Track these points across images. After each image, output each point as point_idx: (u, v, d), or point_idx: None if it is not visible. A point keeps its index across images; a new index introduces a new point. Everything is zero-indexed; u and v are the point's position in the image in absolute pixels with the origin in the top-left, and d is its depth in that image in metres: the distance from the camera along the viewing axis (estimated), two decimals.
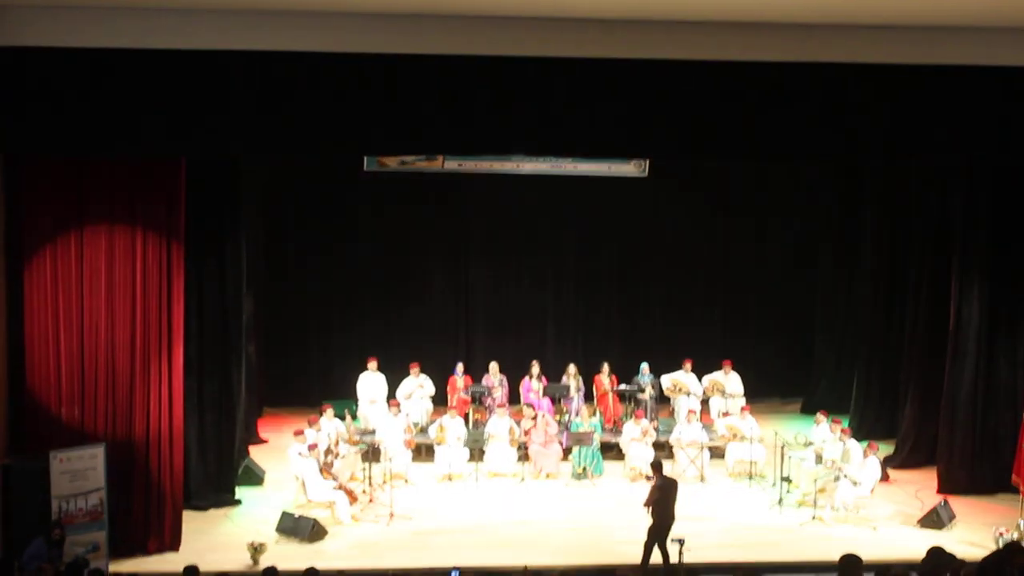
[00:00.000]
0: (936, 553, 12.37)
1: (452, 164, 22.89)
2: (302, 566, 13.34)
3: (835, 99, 16.47)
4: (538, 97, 16.11)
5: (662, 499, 16.24)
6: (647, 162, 23.12)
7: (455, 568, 14.50)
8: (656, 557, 16.15)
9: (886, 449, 21.25)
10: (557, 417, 21.82)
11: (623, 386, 22.83)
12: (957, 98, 16.49)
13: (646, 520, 16.73)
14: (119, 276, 16.53)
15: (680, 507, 17.65)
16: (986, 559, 12.87)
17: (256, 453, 21.26)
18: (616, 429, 22.13)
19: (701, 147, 17.12)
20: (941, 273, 20.52)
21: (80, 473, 16.04)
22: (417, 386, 22.53)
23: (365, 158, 22.35)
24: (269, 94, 15.71)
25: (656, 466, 16.95)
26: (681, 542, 14.57)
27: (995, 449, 19.80)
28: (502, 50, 15.74)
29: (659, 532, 16.12)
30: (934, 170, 20.53)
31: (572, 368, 23.14)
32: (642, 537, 16.53)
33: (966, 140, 16.83)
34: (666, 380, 22.86)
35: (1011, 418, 19.18)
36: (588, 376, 23.26)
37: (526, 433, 21.04)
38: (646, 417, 21.56)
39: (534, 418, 21.05)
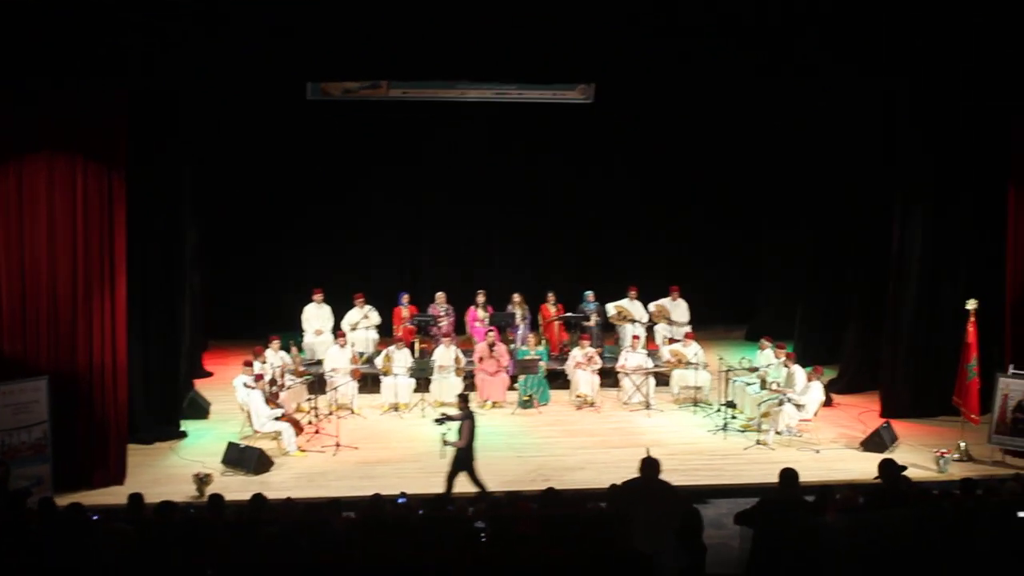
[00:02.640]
0: (888, 464, 12.47)
1: (396, 92, 22.71)
2: (248, 496, 13.31)
3: (784, 14, 16.44)
4: (482, 20, 15.99)
5: (470, 430, 16.20)
6: (592, 88, 23.02)
7: (402, 493, 14.54)
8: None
9: (830, 373, 21.41)
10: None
11: (569, 314, 22.86)
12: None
13: (590, 446, 16.80)
14: (59, 206, 16.29)
15: (627, 433, 17.78)
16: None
17: (201, 386, 21.19)
18: (562, 357, 22.18)
19: (646, 72, 17.09)
20: (884, 198, 20.58)
21: (23, 406, 15.93)
22: (362, 316, 22.49)
23: (308, 86, 22.13)
24: (209, 18, 15.50)
25: (463, 398, 16.91)
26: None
27: (937, 372, 19.95)
28: None
29: (467, 462, 16.11)
30: (874, 93, 20.48)
31: (517, 297, 23.13)
32: (588, 462, 16.62)
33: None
34: (611, 307, 22.89)
35: (952, 341, 19.29)
36: (534, 305, 23.25)
37: (479, 360, 21.05)
38: (592, 344, 21.60)
39: (490, 346, 21.02)
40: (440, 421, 16.51)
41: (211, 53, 15.86)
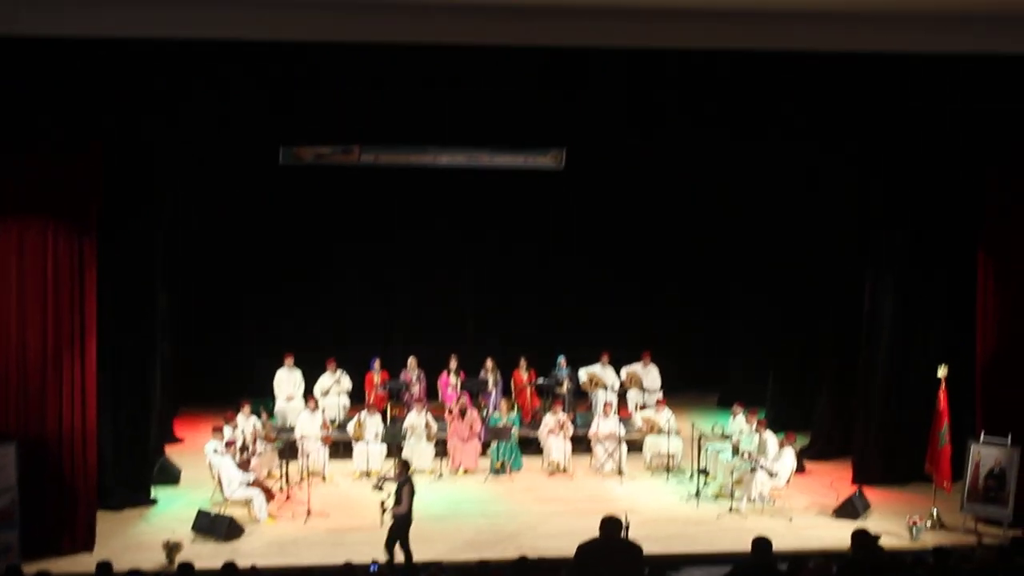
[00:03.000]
0: (861, 535, 12.45)
1: (368, 157, 22.73)
2: (219, 564, 13.19)
3: (754, 86, 16.57)
4: (454, 87, 16.08)
5: (408, 496, 16.13)
6: (563, 154, 23.12)
7: (374, 561, 14.43)
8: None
9: (802, 440, 21.40)
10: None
11: (541, 380, 22.85)
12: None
13: (562, 513, 16.70)
14: (30, 269, 16.20)
15: (599, 500, 17.69)
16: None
17: (172, 452, 21.07)
18: (534, 423, 22.13)
19: (616, 137, 17.18)
20: (856, 263, 20.68)
21: None
22: (334, 382, 22.45)
23: (281, 150, 22.15)
24: (185, 82, 15.54)
25: (403, 463, 16.84)
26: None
27: (909, 439, 19.95)
28: (419, 38, 15.65)
29: (403, 529, 16.03)
30: (852, 160, 20.59)
31: (490, 362, 23.13)
32: (561, 530, 16.53)
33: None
34: (583, 374, 22.91)
35: (924, 408, 19.31)
36: (506, 371, 23.23)
37: (450, 419, 20.97)
38: (564, 410, 21.57)
39: (462, 412, 20.95)
40: (379, 487, 16.57)
41: (183, 117, 15.88)
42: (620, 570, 11.61)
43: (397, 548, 15.92)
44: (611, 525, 11.79)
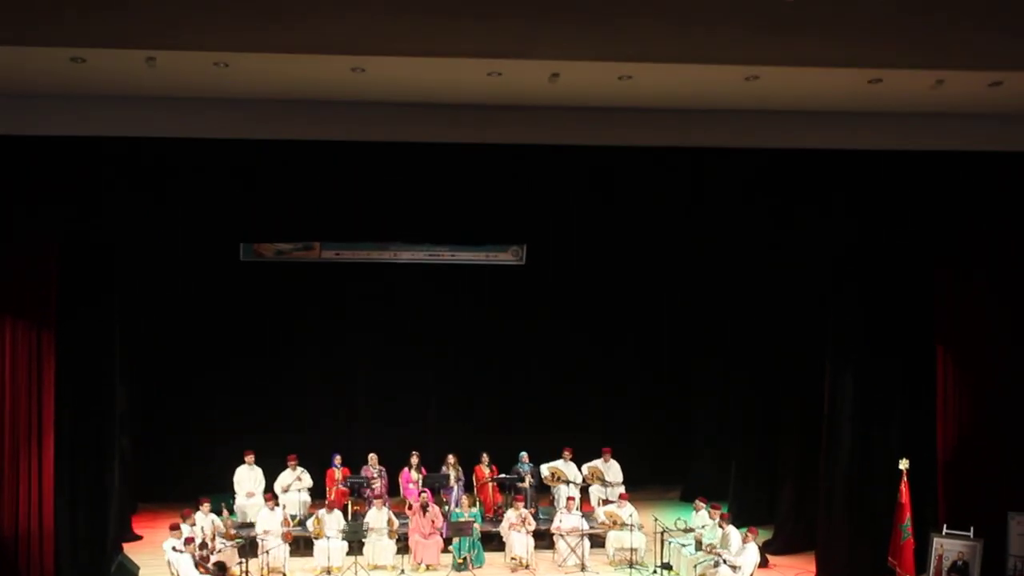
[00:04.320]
0: None
1: (329, 254, 22.84)
2: None
3: (703, 183, 16.76)
4: (415, 183, 16.19)
5: None
6: (524, 250, 23.27)
7: None
8: None
9: (765, 534, 21.35)
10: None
11: (503, 475, 22.76)
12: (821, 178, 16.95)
13: None
14: None
15: None
16: None
17: (130, 550, 20.79)
18: (497, 519, 22.01)
19: (575, 235, 17.30)
20: (815, 358, 20.75)
21: None
22: (295, 478, 22.26)
23: (241, 247, 22.21)
24: (142, 180, 15.58)
25: (219, 566, 16.71)
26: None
27: (872, 531, 19.92)
28: (378, 136, 15.79)
29: None
30: (810, 254, 20.76)
31: (451, 458, 23.01)
32: None
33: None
34: (544, 469, 22.82)
35: (886, 500, 19.36)
36: (468, 466, 23.13)
37: (412, 515, 20.85)
38: (526, 505, 21.47)
39: (424, 508, 20.82)
40: None
41: (143, 215, 15.91)
42: None
43: None
44: None
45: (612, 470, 23.14)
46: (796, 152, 16.84)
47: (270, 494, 21.44)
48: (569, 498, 21.58)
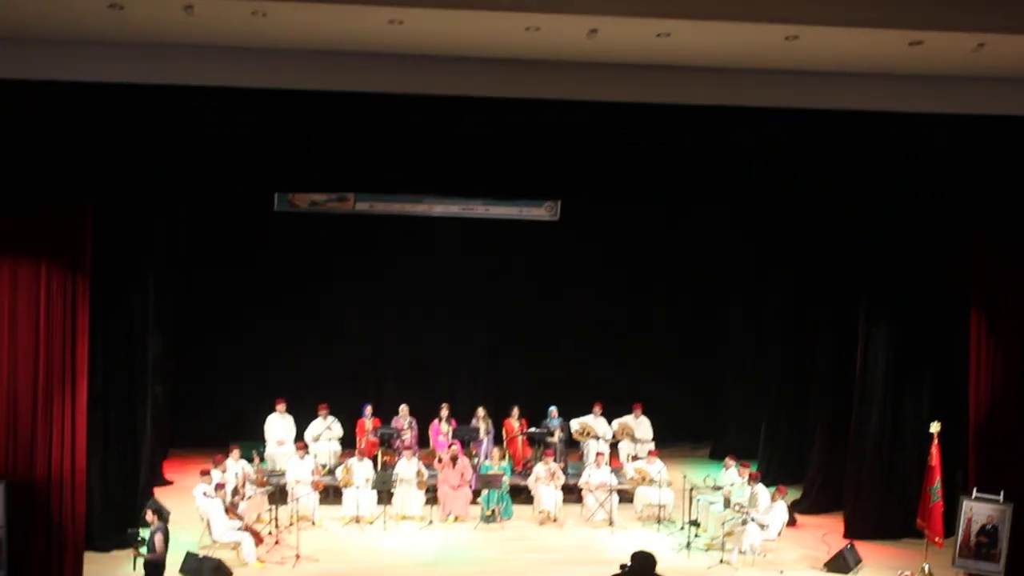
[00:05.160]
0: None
1: (363, 206, 22.86)
2: None
3: (739, 143, 16.65)
4: (451, 137, 16.14)
5: (163, 543, 16.01)
6: (558, 205, 23.25)
7: None
8: None
9: (794, 494, 21.35)
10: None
11: (532, 429, 22.80)
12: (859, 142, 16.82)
13: (552, 562, 16.60)
14: (22, 311, 16.19)
15: (590, 550, 17.57)
16: None
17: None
18: (525, 472, 22.08)
19: (611, 190, 17.23)
20: (848, 318, 20.71)
21: None
22: (325, 428, 22.37)
23: (276, 197, 22.27)
24: (178, 128, 15.57)
25: (155, 509, 16.64)
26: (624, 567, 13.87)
27: (901, 493, 19.96)
28: (414, 88, 15.73)
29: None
30: (844, 213, 20.65)
31: (481, 411, 23.07)
32: None
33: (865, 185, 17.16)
34: (575, 424, 22.85)
35: (917, 462, 19.38)
36: (498, 419, 23.20)
37: (441, 467, 20.95)
38: (555, 460, 21.51)
39: (453, 460, 20.90)
40: (136, 539, 16.79)
41: (179, 163, 15.88)
42: None
43: None
44: (643, 561, 11.18)
45: (642, 426, 23.15)
46: (831, 113, 16.69)
47: (301, 443, 21.57)
48: (598, 453, 21.61)
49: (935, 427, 18.45)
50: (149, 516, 16.30)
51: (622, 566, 12.94)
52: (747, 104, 16.37)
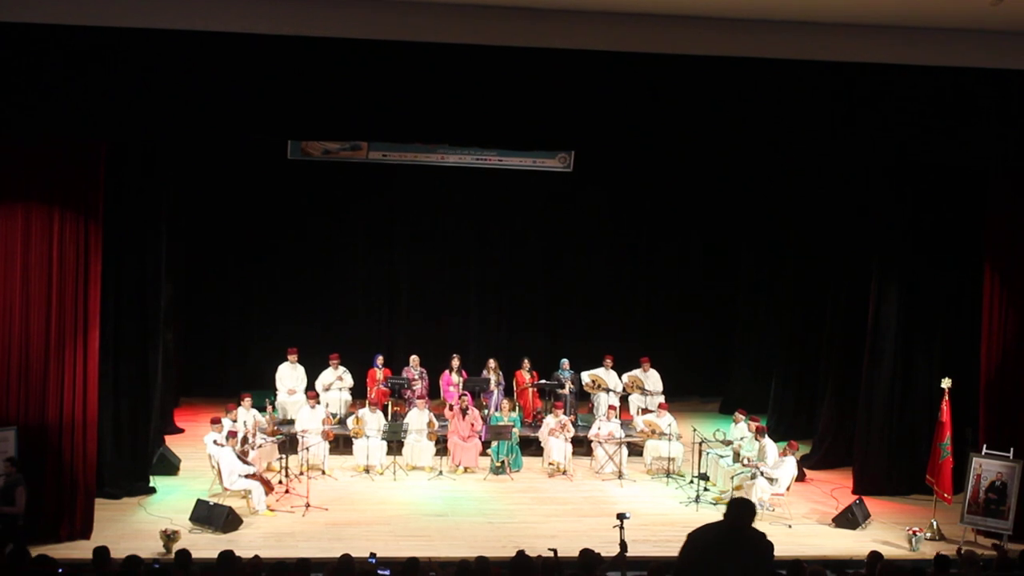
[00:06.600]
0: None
1: (376, 155, 22.81)
2: (215, 555, 13.20)
3: (757, 95, 16.57)
4: (465, 86, 16.08)
5: (22, 497, 15.73)
6: (571, 156, 23.19)
7: (372, 555, 14.42)
8: None
9: (804, 449, 21.36)
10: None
11: (543, 381, 22.82)
12: (884, 97, 16.71)
13: (561, 514, 16.65)
14: (35, 257, 16.23)
15: (599, 502, 17.58)
16: None
17: (172, 442, 21.00)
18: (535, 424, 22.11)
19: (625, 140, 17.19)
20: (860, 274, 20.68)
21: None
22: (336, 377, 22.40)
23: (289, 145, 22.23)
24: (193, 75, 15.52)
25: (11, 460, 16.04)
26: (622, 517, 13.80)
27: (910, 450, 19.98)
28: (428, 36, 15.66)
29: (12, 529, 15.52)
30: (856, 171, 20.61)
31: (492, 362, 23.10)
32: (560, 530, 16.54)
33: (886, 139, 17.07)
34: (585, 376, 22.85)
35: (926, 419, 19.40)
36: (508, 371, 23.22)
37: (451, 417, 21.04)
38: (565, 412, 21.54)
39: (463, 411, 20.95)
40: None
41: (191, 109, 15.83)
42: (747, 565, 9.51)
43: None
44: (741, 508, 9.77)
45: (651, 379, 23.16)
46: (850, 65, 16.59)
47: (312, 392, 21.63)
48: (610, 407, 21.64)
49: (946, 383, 18.41)
50: (4, 467, 15.95)
51: (619, 515, 13.01)
52: (763, 56, 16.29)
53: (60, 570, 12.76)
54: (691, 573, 9.53)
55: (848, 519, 18.41)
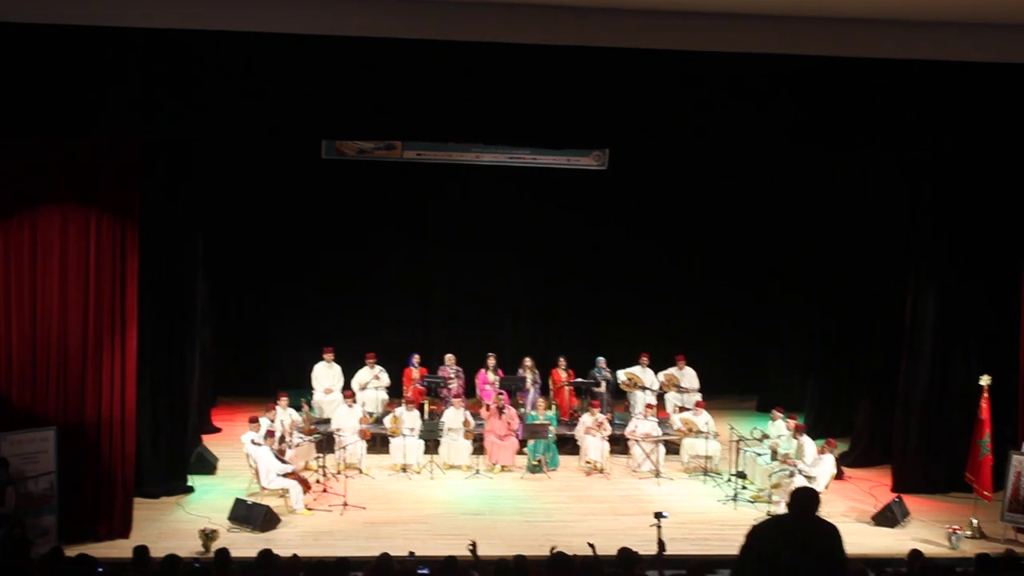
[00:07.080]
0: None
1: (411, 154, 22.88)
2: (254, 554, 13.23)
3: (794, 91, 16.49)
4: (499, 85, 16.06)
5: (13, 497, 15.63)
6: (607, 155, 23.16)
7: (411, 553, 14.44)
8: None
9: (842, 446, 21.27)
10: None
11: (579, 380, 22.80)
12: (916, 91, 16.62)
13: (598, 512, 16.62)
14: (72, 257, 16.31)
15: (636, 500, 17.52)
16: None
17: (209, 442, 21.09)
18: (572, 422, 22.10)
19: (661, 138, 17.16)
20: (899, 270, 20.56)
21: (30, 456, 15.89)
22: (372, 376, 22.44)
23: (324, 144, 22.30)
24: (228, 75, 15.56)
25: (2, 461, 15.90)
26: (660, 516, 13.69)
27: (949, 447, 19.83)
28: (462, 35, 15.65)
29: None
30: (895, 167, 20.51)
31: (528, 361, 23.09)
32: (597, 529, 16.51)
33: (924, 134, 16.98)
34: (621, 374, 22.82)
35: (965, 416, 19.24)
36: (544, 369, 23.20)
37: (487, 416, 21.01)
38: (602, 411, 21.51)
39: (500, 409, 20.95)
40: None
41: (226, 109, 15.87)
42: (815, 557, 9.09)
43: None
44: (806, 499, 9.36)
45: (687, 377, 23.10)
46: (889, 63, 16.50)
47: (348, 391, 21.67)
48: (648, 405, 21.62)
49: (985, 380, 18.33)
50: None
51: (656, 514, 12.97)
52: (796, 52, 16.22)
53: (100, 569, 12.82)
54: (757, 568, 9.09)
55: (887, 517, 18.32)
